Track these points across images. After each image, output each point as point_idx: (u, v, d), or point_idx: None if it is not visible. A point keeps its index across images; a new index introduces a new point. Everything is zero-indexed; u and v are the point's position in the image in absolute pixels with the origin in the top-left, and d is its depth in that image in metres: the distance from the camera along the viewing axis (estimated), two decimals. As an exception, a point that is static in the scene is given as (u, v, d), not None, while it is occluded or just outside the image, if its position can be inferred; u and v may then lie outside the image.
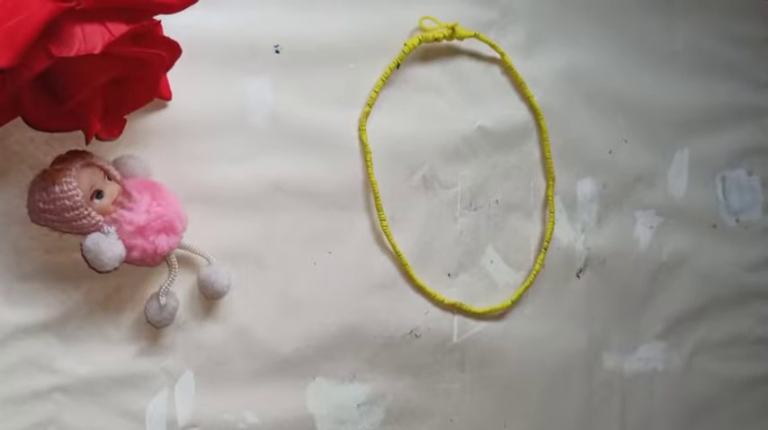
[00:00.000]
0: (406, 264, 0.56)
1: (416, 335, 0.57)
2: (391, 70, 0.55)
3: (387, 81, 0.55)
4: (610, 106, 0.65)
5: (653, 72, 0.66)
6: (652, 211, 0.66)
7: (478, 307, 0.58)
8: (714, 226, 0.69)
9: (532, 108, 0.60)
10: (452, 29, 0.56)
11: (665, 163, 0.67)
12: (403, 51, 0.55)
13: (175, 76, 0.49)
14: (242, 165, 0.52)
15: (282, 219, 0.53)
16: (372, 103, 0.54)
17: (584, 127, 0.64)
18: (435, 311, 0.58)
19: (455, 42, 0.57)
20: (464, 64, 0.58)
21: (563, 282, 0.63)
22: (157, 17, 0.43)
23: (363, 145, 0.54)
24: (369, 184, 0.55)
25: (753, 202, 0.71)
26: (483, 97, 0.60)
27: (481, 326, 0.59)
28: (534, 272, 0.60)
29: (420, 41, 0.55)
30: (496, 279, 0.60)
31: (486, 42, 0.58)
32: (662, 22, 0.67)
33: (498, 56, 0.59)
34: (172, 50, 0.45)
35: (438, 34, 0.56)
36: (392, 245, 0.55)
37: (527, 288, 0.60)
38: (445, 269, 0.58)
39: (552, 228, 0.61)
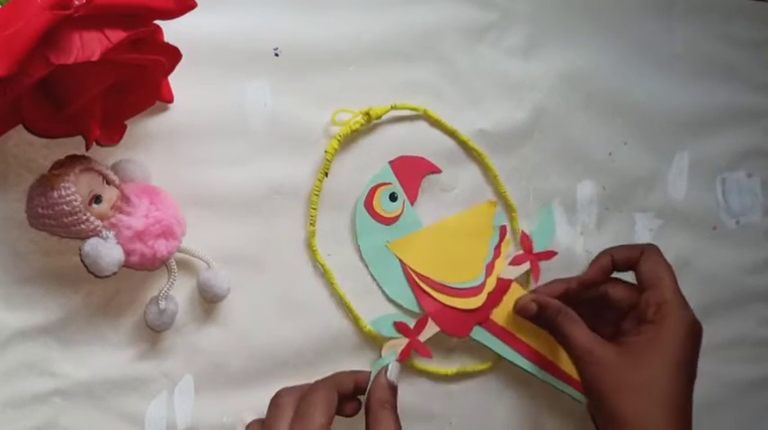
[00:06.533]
0: None
1: (415, 338, 0.57)
2: (321, 182, 0.53)
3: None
4: (609, 109, 0.64)
5: (653, 74, 0.66)
6: (652, 214, 0.66)
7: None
8: (714, 228, 0.69)
9: (473, 150, 0.59)
10: (367, 113, 0.54)
11: (665, 165, 0.67)
12: (326, 159, 0.53)
13: (175, 80, 0.49)
14: (241, 168, 0.52)
15: (282, 223, 0.53)
16: (315, 222, 0.53)
17: (583, 129, 0.63)
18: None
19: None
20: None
21: (562, 284, 0.63)
22: (157, 22, 0.43)
23: (321, 265, 0.53)
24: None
25: (753, 204, 0.71)
26: (482, 100, 0.60)
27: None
28: None
29: (339, 142, 0.53)
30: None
31: (405, 108, 0.56)
32: (662, 25, 0.67)
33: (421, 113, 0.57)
34: (171, 55, 0.45)
35: (355, 125, 0.53)
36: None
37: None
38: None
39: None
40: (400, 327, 0.54)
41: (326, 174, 0.53)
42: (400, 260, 0.55)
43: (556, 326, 0.54)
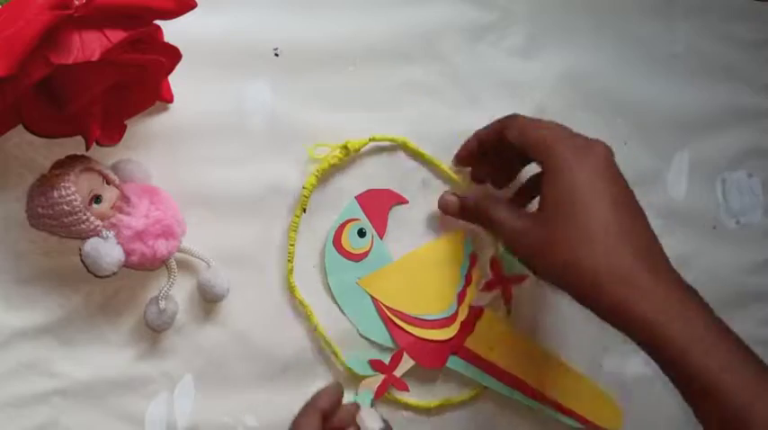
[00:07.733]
0: None
1: (415, 338, 0.57)
2: (299, 217, 0.52)
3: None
4: (609, 109, 0.64)
5: (653, 74, 0.66)
6: (652, 213, 0.66)
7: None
8: (714, 228, 0.69)
9: (452, 179, 0.58)
10: (345, 147, 0.53)
11: (665, 165, 0.67)
12: (303, 195, 0.52)
13: (175, 80, 0.49)
14: (241, 168, 0.52)
15: (281, 223, 0.53)
16: (292, 258, 0.52)
17: (583, 129, 0.63)
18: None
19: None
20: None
21: (563, 284, 0.63)
22: (157, 22, 0.43)
23: (299, 301, 0.52)
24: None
25: (753, 204, 0.71)
26: (482, 100, 0.60)
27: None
28: None
29: (317, 178, 0.52)
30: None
31: (383, 140, 0.55)
32: (662, 25, 0.67)
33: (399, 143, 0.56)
34: (171, 55, 0.45)
35: (333, 160, 0.53)
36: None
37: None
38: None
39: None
40: (375, 365, 0.54)
41: (304, 210, 0.53)
42: (371, 296, 0.55)
43: (481, 213, 0.51)
